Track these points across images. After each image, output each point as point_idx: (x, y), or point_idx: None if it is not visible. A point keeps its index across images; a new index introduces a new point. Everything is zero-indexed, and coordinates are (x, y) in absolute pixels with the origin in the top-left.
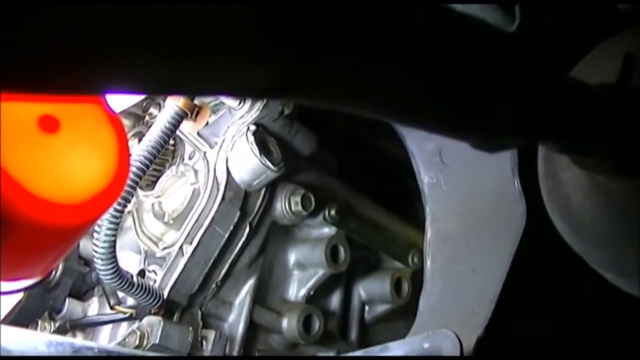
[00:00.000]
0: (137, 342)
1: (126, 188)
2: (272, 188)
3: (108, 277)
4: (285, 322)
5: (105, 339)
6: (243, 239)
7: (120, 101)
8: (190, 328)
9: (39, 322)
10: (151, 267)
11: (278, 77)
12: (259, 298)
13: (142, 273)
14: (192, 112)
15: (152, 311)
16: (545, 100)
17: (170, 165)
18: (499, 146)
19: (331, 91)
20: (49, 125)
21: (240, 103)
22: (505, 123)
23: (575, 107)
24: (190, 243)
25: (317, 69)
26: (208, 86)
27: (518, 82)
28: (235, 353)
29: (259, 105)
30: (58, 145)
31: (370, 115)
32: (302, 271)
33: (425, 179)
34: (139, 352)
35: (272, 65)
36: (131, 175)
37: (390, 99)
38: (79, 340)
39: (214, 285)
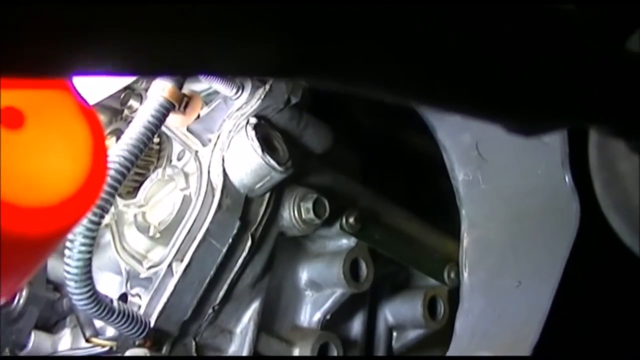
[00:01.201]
0: None
1: (103, 196)
2: (278, 193)
3: (83, 302)
4: (296, 353)
5: None
6: (244, 254)
7: (93, 92)
8: None
9: None
10: (135, 290)
11: (286, 54)
12: (265, 325)
13: (124, 297)
14: (181, 104)
15: (137, 343)
16: (592, 72)
17: (156, 167)
18: (536, 129)
19: (346, 69)
20: (12, 119)
21: (237, 92)
22: (544, 100)
23: (631, 80)
24: (181, 260)
25: (331, 44)
26: (204, 65)
27: (557, 51)
28: None
29: (260, 93)
30: (23, 143)
31: (388, 97)
32: (316, 292)
33: (460, 176)
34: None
35: (280, 40)
36: (109, 180)
37: (412, 75)
38: None
39: (210, 310)
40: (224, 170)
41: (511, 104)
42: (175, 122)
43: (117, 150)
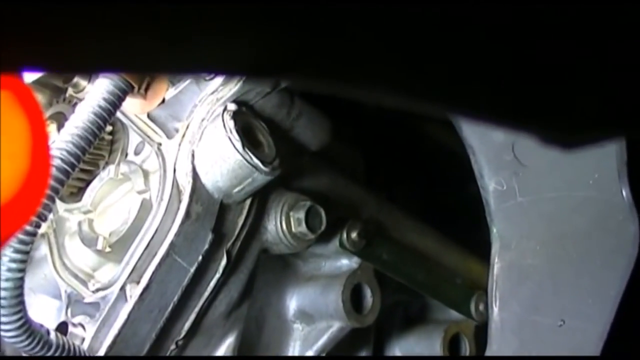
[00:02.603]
0: None
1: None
2: (262, 199)
3: (11, 334)
4: None
5: None
6: (218, 275)
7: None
8: None
9: None
10: (77, 319)
11: (268, 50)
12: None
13: (63, 327)
14: (141, 84)
15: None
16: None
17: (107, 163)
18: (579, 142)
19: (341, 68)
20: None
21: None
22: (589, 108)
23: None
24: (137, 282)
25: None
26: (170, 63)
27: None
28: None
29: None
30: None
31: (394, 103)
32: (307, 325)
33: (491, 185)
34: None
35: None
36: (49, 179)
37: (426, 76)
38: None
39: (173, 346)
40: (193, 168)
41: (548, 109)
42: (133, 107)
43: (60, 142)
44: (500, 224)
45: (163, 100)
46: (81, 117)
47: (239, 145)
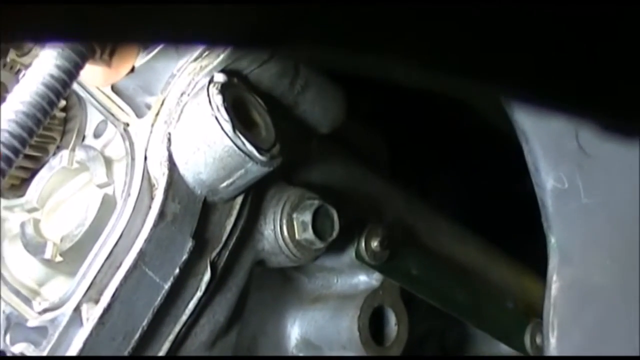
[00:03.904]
0: None
1: None
2: (257, 196)
3: None
4: None
5: None
6: (199, 293)
7: None
8: None
9: None
10: (18, 347)
11: (267, 17)
12: None
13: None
14: (104, 49)
15: None
16: None
17: (59, 148)
18: None
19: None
20: None
21: None
22: None
23: None
24: (97, 301)
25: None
26: (154, 32)
27: None
28: None
29: None
30: None
31: (413, 79)
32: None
33: (548, 182)
34: None
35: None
36: None
37: (453, 49)
38: None
39: None
40: (169, 156)
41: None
42: (94, 78)
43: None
44: (560, 232)
45: (132, 69)
46: (27, 90)
47: (228, 126)
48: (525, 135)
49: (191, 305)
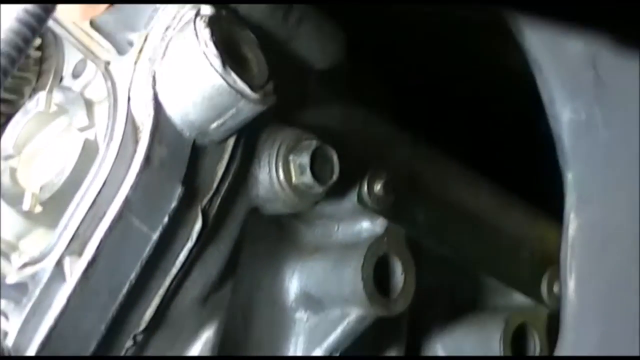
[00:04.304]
0: None
1: None
2: (250, 138)
3: None
4: None
5: None
6: (189, 244)
7: None
8: None
9: None
10: None
11: None
12: None
13: None
14: None
15: None
16: None
17: (35, 90)
18: None
19: None
20: None
21: None
22: None
23: None
24: (80, 254)
25: None
26: None
27: None
28: None
29: None
30: None
31: None
32: (314, 314)
33: (564, 114)
34: None
35: None
36: None
37: None
38: None
39: (130, 343)
40: (155, 96)
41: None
42: (71, 13)
43: None
44: (577, 168)
45: (112, 2)
46: None
47: (217, 62)
48: (539, 65)
49: (182, 256)
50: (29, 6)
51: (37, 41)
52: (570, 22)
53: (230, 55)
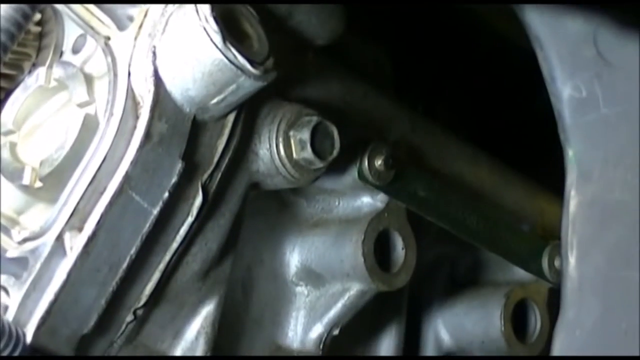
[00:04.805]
0: None
1: None
2: (250, 114)
3: None
4: None
5: None
6: (190, 219)
7: None
8: None
9: None
10: None
11: None
12: (224, 344)
13: None
14: None
15: None
16: None
17: (35, 66)
18: None
19: None
20: None
21: None
22: None
23: None
24: (80, 229)
25: None
26: None
27: None
28: None
29: None
30: None
31: None
32: (315, 288)
33: (565, 91)
34: None
35: None
36: None
37: None
38: None
39: (130, 317)
40: (155, 72)
41: None
42: None
43: None
44: (578, 145)
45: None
46: None
47: (217, 38)
48: (540, 42)
49: (182, 231)
50: None
51: (37, 16)
52: None
53: (231, 30)
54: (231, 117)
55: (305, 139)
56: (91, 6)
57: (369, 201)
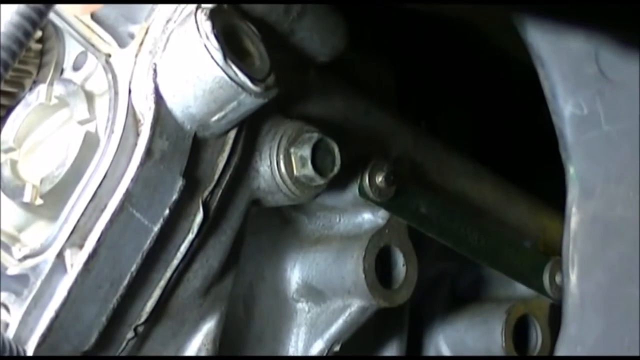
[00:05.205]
0: None
1: None
2: (251, 131)
3: None
4: None
5: None
6: (191, 236)
7: None
8: None
9: None
10: None
11: None
12: None
13: None
14: None
15: None
16: None
17: (36, 83)
18: None
19: None
20: None
21: None
22: None
23: None
24: (81, 247)
25: None
26: None
27: None
28: None
29: None
30: None
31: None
32: (316, 304)
33: (566, 109)
34: None
35: None
36: None
37: None
38: None
39: (131, 334)
40: (156, 89)
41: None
42: (72, 6)
43: None
44: (579, 162)
45: (112, 2)
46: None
47: (218, 55)
48: (541, 60)
49: (183, 248)
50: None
51: (38, 34)
52: (572, 17)
53: (232, 48)
54: (232, 134)
55: (306, 156)
56: (92, 23)
57: (370, 217)
